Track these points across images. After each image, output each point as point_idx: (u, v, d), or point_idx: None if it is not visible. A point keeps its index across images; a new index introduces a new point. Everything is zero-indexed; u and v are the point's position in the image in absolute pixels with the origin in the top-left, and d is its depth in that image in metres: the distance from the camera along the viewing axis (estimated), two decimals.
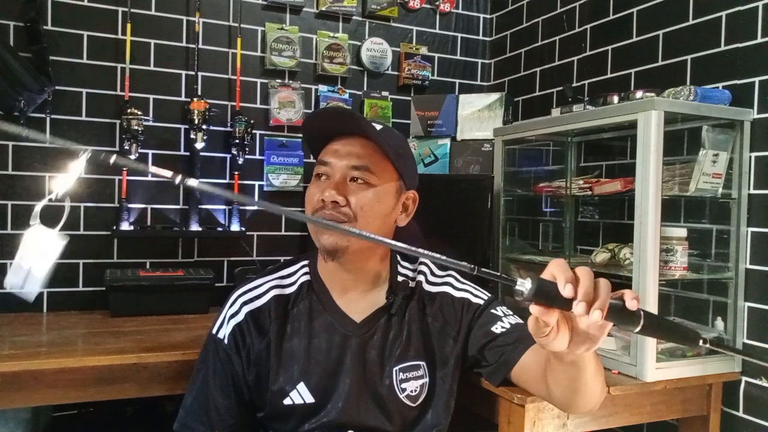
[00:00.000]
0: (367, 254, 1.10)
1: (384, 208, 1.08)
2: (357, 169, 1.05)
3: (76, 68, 1.88)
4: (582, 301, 0.65)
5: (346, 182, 1.06)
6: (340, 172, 1.06)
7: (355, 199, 1.04)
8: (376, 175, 1.06)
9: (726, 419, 1.46)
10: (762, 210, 1.42)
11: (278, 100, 2.10)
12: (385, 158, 1.07)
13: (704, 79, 1.54)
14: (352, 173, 1.05)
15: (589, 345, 0.73)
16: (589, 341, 0.73)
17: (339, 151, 1.07)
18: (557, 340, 0.72)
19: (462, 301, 1.16)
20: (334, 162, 1.06)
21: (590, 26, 1.94)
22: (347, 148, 1.07)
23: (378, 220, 1.07)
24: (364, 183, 1.06)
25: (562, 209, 1.79)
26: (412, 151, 1.21)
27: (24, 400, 1.33)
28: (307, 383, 1.07)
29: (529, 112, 2.19)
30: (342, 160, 1.06)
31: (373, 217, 1.06)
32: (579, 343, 0.73)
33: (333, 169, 1.06)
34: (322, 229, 1.06)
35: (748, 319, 1.43)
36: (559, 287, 0.66)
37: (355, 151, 1.06)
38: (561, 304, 0.66)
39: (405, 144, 1.15)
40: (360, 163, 1.05)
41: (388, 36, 2.29)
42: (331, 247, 1.05)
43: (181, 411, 1.09)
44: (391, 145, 1.06)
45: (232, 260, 2.07)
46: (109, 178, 1.90)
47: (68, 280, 1.87)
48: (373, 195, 1.06)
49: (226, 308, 1.12)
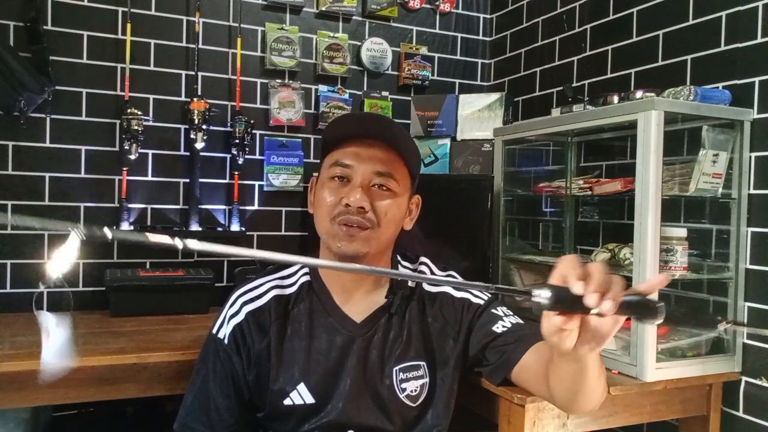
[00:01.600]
0: (378, 258, 1.10)
1: (401, 214, 1.09)
2: (381, 176, 1.05)
3: (76, 68, 1.88)
4: (595, 292, 0.64)
5: (369, 187, 1.05)
6: (363, 177, 1.04)
7: (379, 206, 1.04)
8: (397, 182, 1.06)
9: (726, 419, 1.46)
10: (762, 210, 1.42)
11: (278, 100, 2.10)
12: (404, 165, 1.08)
13: (704, 79, 1.54)
14: (376, 179, 1.05)
15: (595, 344, 0.73)
16: (595, 341, 0.73)
17: (361, 154, 1.05)
18: (567, 340, 0.73)
19: (462, 302, 1.16)
20: (356, 165, 1.04)
21: (590, 26, 1.94)
22: (369, 152, 1.05)
23: (395, 226, 1.09)
24: (387, 190, 1.05)
25: (562, 209, 1.79)
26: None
27: (24, 400, 1.33)
28: (307, 383, 1.07)
29: (529, 112, 2.19)
30: (365, 164, 1.04)
31: (393, 223, 1.07)
32: (585, 342, 0.73)
33: (355, 172, 1.05)
34: (342, 236, 1.03)
35: (748, 319, 1.43)
36: (570, 285, 0.65)
37: (378, 156, 1.05)
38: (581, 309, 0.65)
39: (417, 148, 1.15)
40: (384, 169, 1.05)
41: (388, 36, 2.29)
42: (353, 253, 1.03)
43: (181, 411, 1.09)
44: (411, 152, 1.07)
45: (232, 260, 2.07)
46: (109, 178, 1.90)
47: (68, 280, 1.87)
48: (394, 202, 1.06)
49: (227, 308, 1.12)
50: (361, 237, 1.04)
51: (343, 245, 1.04)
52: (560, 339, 0.72)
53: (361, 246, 1.04)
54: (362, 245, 1.04)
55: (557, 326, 0.70)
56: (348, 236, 1.03)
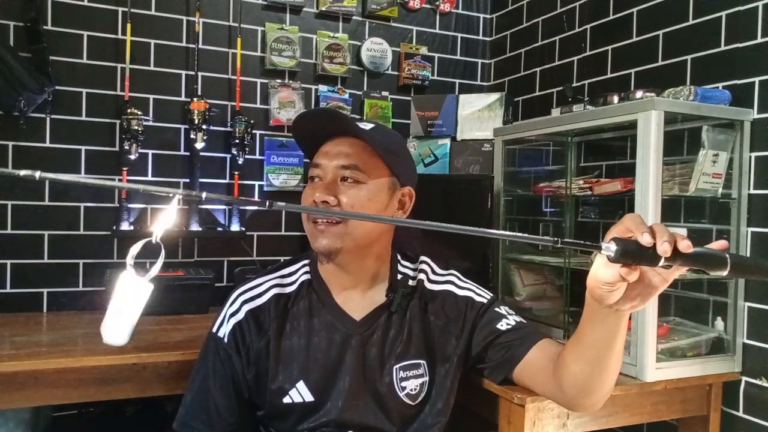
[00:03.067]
0: (363, 253, 1.10)
1: (376, 205, 1.07)
2: (346, 168, 1.06)
3: (76, 68, 1.88)
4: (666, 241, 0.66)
5: (337, 182, 1.06)
6: (331, 173, 1.07)
7: (346, 198, 1.05)
8: (365, 173, 1.06)
9: (726, 419, 1.46)
10: (762, 210, 1.42)
11: (278, 100, 2.10)
12: (375, 156, 1.07)
13: (704, 79, 1.54)
14: (342, 173, 1.06)
15: (640, 301, 0.76)
16: (641, 297, 0.76)
17: (329, 152, 1.08)
18: (615, 293, 0.75)
19: (465, 300, 1.16)
20: (325, 163, 1.07)
21: (590, 26, 1.94)
22: (337, 148, 1.08)
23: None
24: (354, 182, 1.06)
25: (562, 209, 1.79)
26: (407, 148, 1.22)
27: (24, 400, 1.33)
28: (306, 382, 1.07)
29: (529, 112, 2.19)
30: (332, 160, 1.07)
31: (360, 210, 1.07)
32: (630, 300, 0.76)
33: (324, 170, 1.07)
34: (316, 233, 1.06)
35: (748, 319, 1.43)
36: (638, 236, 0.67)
37: (344, 150, 1.07)
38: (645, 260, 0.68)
39: (398, 141, 1.16)
40: (349, 162, 1.06)
41: (388, 36, 2.29)
42: (325, 249, 1.05)
43: (180, 410, 1.09)
44: (380, 141, 1.06)
45: (232, 260, 2.07)
46: (109, 178, 1.90)
47: (68, 280, 1.87)
48: (364, 193, 1.06)
49: (227, 307, 1.12)
50: (332, 232, 1.05)
51: (317, 242, 1.06)
52: (608, 293, 0.75)
53: (332, 241, 1.05)
54: (333, 240, 1.05)
55: (619, 277, 0.71)
56: (319, 232, 1.05)
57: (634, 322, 1.33)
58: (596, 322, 0.85)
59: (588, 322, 0.87)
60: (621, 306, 0.77)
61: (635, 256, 0.68)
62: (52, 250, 1.85)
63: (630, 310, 0.79)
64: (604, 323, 0.84)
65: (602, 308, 0.80)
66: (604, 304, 0.78)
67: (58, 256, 1.86)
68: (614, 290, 0.74)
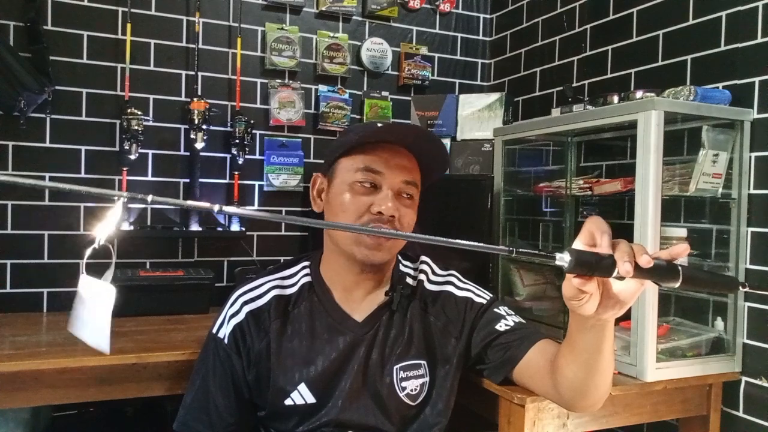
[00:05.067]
0: (391, 262, 1.12)
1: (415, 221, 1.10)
2: (408, 185, 1.06)
3: (76, 68, 1.88)
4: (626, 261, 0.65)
5: (398, 196, 1.06)
6: (394, 186, 1.05)
7: (404, 215, 1.05)
8: (418, 190, 1.09)
9: (726, 419, 1.46)
10: (762, 210, 1.42)
11: (278, 100, 2.10)
12: (420, 172, 1.09)
13: (704, 79, 1.54)
14: (406, 189, 1.06)
15: (618, 308, 0.75)
16: (618, 305, 0.74)
17: (389, 161, 1.05)
18: (589, 304, 0.74)
19: (465, 300, 1.16)
20: (387, 173, 1.04)
21: (590, 26, 1.94)
22: (396, 159, 1.05)
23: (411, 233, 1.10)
24: (410, 198, 1.07)
25: (562, 209, 1.79)
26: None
27: (24, 400, 1.33)
28: (308, 383, 1.07)
29: (529, 112, 2.19)
30: (394, 172, 1.04)
31: (410, 231, 1.08)
32: (609, 308, 0.74)
33: (385, 180, 1.04)
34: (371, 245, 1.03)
35: (748, 319, 1.43)
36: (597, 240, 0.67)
37: (405, 164, 1.06)
38: (600, 271, 0.67)
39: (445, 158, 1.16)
40: (411, 178, 1.06)
41: (388, 36, 2.29)
42: (379, 262, 1.06)
43: (180, 410, 1.09)
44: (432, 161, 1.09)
45: (232, 260, 2.07)
46: (109, 178, 1.90)
47: (68, 280, 1.87)
48: (413, 211, 1.08)
49: (227, 308, 1.12)
50: (387, 246, 1.05)
51: (371, 254, 1.04)
52: (580, 303, 0.74)
53: (386, 255, 1.06)
54: (387, 254, 1.06)
55: (576, 287, 0.71)
56: (377, 245, 1.03)
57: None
58: (582, 331, 0.85)
59: (575, 330, 0.87)
60: (601, 315, 0.75)
61: (591, 267, 0.67)
62: (52, 250, 1.85)
63: (612, 317, 0.77)
64: (591, 331, 0.84)
65: (584, 318, 0.79)
66: (583, 314, 0.77)
67: (58, 256, 1.86)
68: (583, 302, 0.73)
